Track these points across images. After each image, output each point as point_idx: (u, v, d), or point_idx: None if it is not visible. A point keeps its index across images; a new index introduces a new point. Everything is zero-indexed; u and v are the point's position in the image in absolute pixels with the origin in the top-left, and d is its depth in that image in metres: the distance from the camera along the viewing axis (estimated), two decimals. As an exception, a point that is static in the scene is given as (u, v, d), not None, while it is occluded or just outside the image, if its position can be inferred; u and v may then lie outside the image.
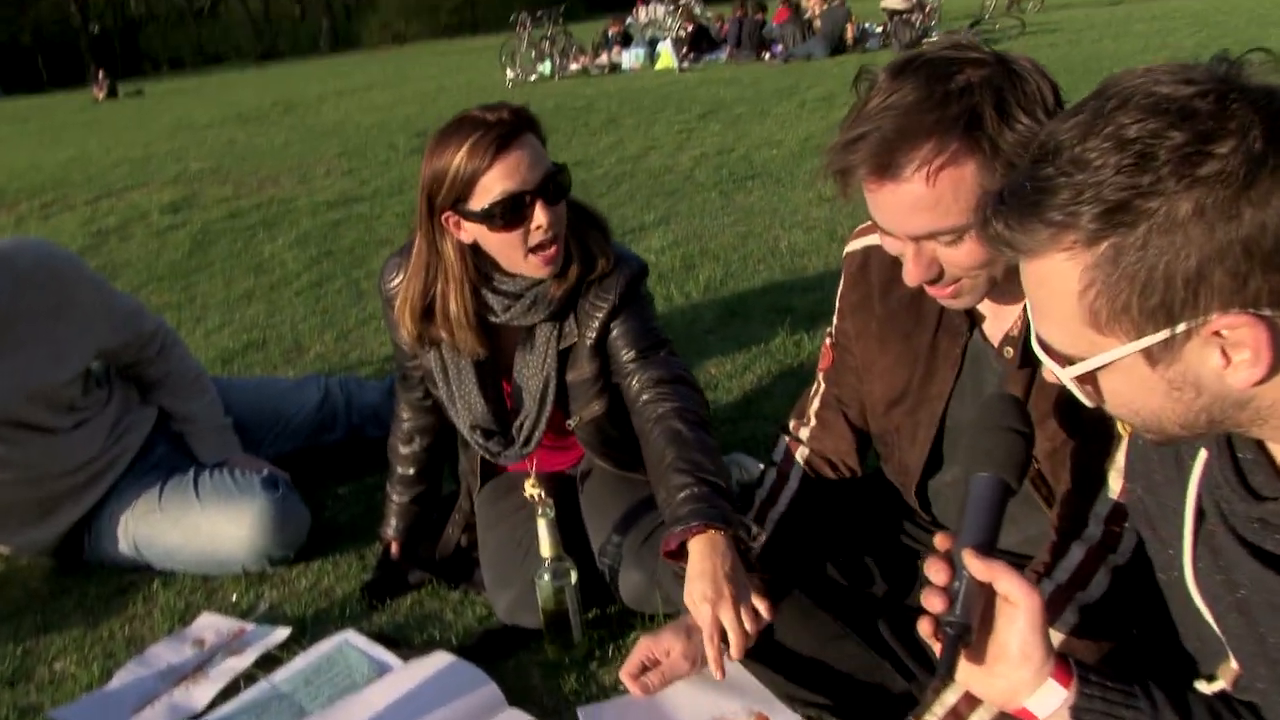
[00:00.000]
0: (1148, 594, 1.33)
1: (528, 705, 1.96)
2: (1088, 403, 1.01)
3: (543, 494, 2.24)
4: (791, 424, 1.97)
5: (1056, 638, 1.39)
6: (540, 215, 1.95)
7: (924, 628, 1.17)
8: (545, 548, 2.02)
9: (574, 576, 2.04)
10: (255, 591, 2.51)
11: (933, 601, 1.16)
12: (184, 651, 2.29)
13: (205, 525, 2.55)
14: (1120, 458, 1.45)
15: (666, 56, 16.85)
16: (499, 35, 21.69)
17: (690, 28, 18.18)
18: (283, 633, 2.29)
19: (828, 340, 1.91)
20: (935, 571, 1.18)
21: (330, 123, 13.52)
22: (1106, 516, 1.46)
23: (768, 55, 16.48)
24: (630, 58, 17.72)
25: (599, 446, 2.24)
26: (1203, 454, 1.10)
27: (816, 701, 1.77)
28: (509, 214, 1.93)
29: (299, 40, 51.02)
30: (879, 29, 16.85)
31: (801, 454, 1.92)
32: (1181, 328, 0.88)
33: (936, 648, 1.16)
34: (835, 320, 1.88)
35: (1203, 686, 1.16)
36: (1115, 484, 1.46)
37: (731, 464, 2.61)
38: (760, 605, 1.72)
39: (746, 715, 1.82)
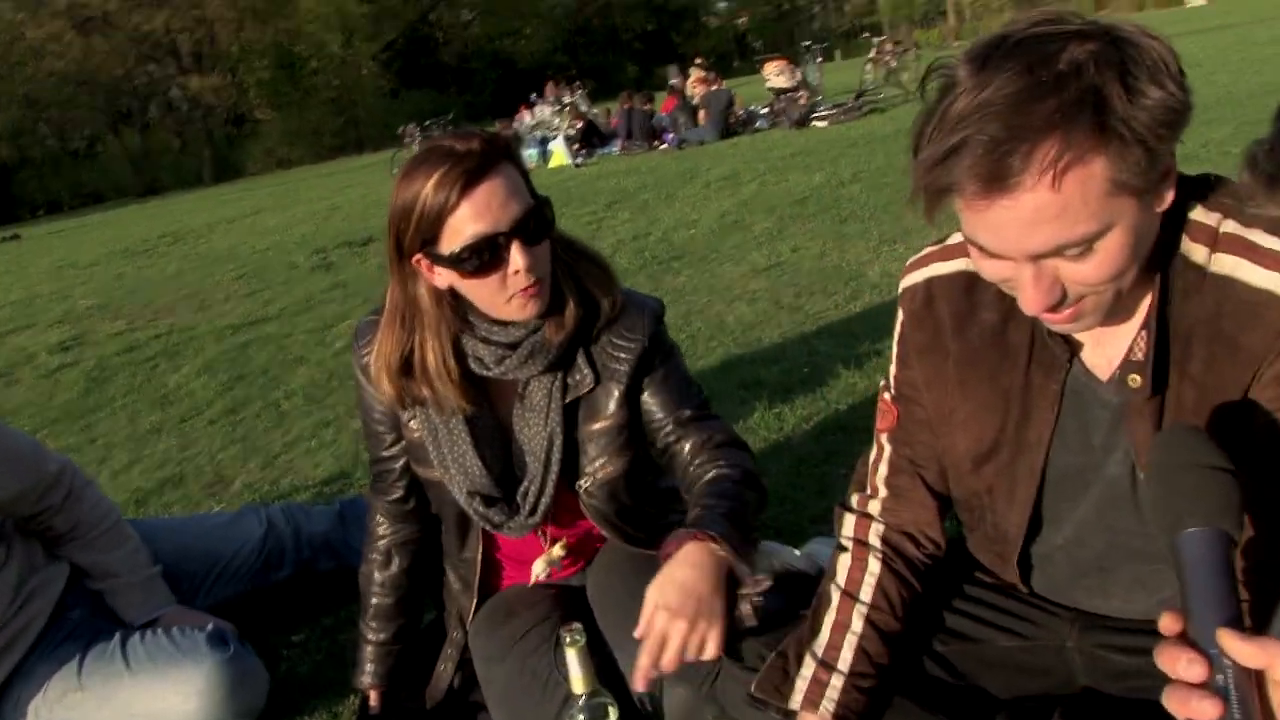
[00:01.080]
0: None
1: None
2: None
3: (567, 617, 1.89)
4: (855, 500, 1.65)
5: None
6: (518, 258, 1.66)
7: None
8: (577, 683, 1.64)
9: (614, 715, 1.67)
10: (209, 773, 2.08)
11: (1201, 708, 0.85)
12: None
13: (141, 700, 2.11)
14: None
15: (559, 154, 16.78)
16: (385, 151, 21.47)
17: (580, 124, 18.19)
18: (250, 824, 1.87)
19: (886, 396, 1.61)
20: (1185, 664, 0.87)
21: (222, 249, 13.01)
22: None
23: (661, 144, 16.54)
24: (523, 159, 17.60)
25: (611, 515, 1.93)
26: None
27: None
28: (482, 258, 1.65)
29: (181, 173, 49.94)
30: (764, 109, 17.08)
31: (876, 532, 1.60)
32: None
33: None
34: (894, 370, 1.58)
35: None
36: None
37: (760, 555, 2.28)
38: (712, 643, 1.48)
39: None
